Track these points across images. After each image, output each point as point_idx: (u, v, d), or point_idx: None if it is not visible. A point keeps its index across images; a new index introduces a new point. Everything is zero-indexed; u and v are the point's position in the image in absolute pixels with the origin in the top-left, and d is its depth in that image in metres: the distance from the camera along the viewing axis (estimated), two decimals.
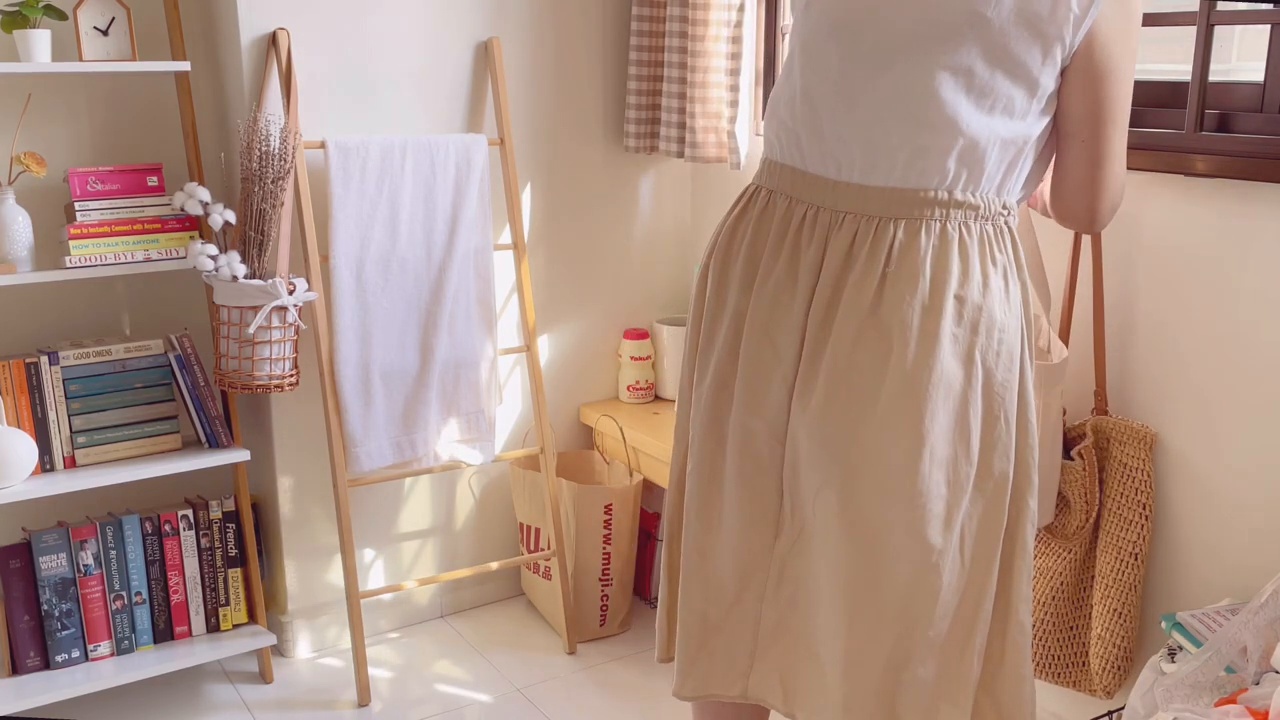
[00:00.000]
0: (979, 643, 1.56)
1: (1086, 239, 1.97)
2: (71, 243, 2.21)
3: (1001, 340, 1.49)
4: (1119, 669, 1.93)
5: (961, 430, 1.48)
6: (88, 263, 2.22)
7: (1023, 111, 1.46)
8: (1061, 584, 1.99)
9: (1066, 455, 1.99)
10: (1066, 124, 1.51)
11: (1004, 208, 1.51)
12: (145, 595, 2.40)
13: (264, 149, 2.25)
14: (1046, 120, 1.49)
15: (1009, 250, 1.52)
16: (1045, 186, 1.75)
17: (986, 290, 1.48)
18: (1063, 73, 1.46)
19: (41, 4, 2.15)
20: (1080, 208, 1.57)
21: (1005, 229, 1.52)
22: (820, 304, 1.50)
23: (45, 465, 2.26)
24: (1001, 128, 1.45)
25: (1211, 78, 1.87)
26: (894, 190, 1.47)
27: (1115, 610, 1.92)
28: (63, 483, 2.22)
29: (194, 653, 2.41)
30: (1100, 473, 1.96)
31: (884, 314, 1.46)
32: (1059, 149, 1.55)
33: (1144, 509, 1.90)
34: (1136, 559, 1.91)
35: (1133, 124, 2.01)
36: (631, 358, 2.92)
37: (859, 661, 1.52)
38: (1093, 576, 1.98)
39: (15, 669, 2.30)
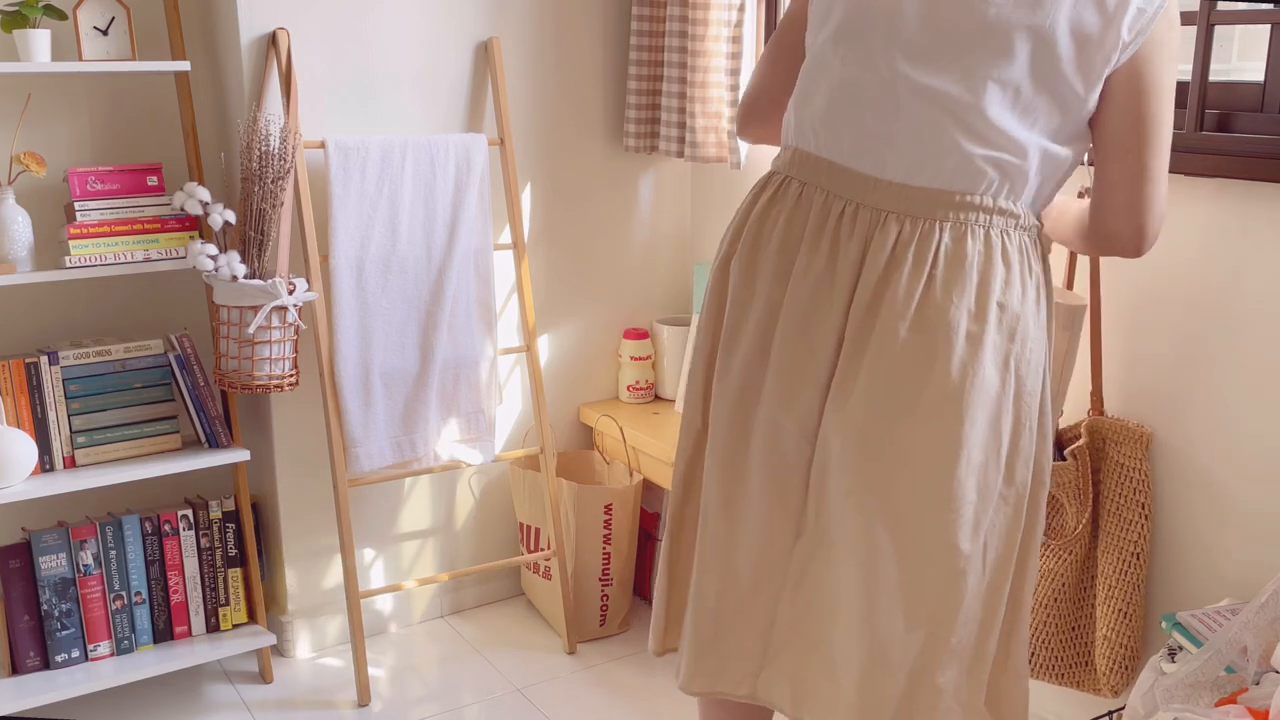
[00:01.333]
0: (991, 648, 1.56)
1: None
2: (71, 243, 2.21)
3: (1033, 350, 1.49)
4: (1126, 668, 1.93)
5: (994, 437, 1.48)
6: (88, 263, 2.22)
7: (1060, 129, 1.46)
8: (1063, 585, 1.99)
9: (1060, 456, 1.99)
10: (1108, 145, 1.48)
11: (1037, 219, 1.52)
12: (145, 595, 2.40)
13: (264, 149, 2.25)
14: (1082, 142, 1.49)
15: (1041, 264, 1.53)
16: (1059, 221, 1.69)
17: (1025, 299, 1.48)
18: (1101, 94, 1.45)
19: (41, 4, 2.15)
20: (1127, 230, 1.50)
21: (1038, 242, 1.52)
22: (861, 303, 1.47)
23: (45, 465, 2.26)
24: (1044, 143, 1.45)
25: (1211, 78, 1.87)
26: (939, 192, 1.45)
27: (1120, 610, 1.92)
28: (63, 483, 2.22)
29: (194, 653, 2.41)
30: (1097, 474, 1.97)
31: (930, 317, 1.44)
32: (1100, 172, 1.51)
33: (1143, 508, 1.90)
34: (1139, 559, 1.91)
35: None
36: (631, 358, 2.92)
37: (878, 668, 1.51)
38: (1094, 577, 1.98)
39: (15, 669, 2.30)
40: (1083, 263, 1.99)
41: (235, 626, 2.51)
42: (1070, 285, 2.00)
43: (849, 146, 1.50)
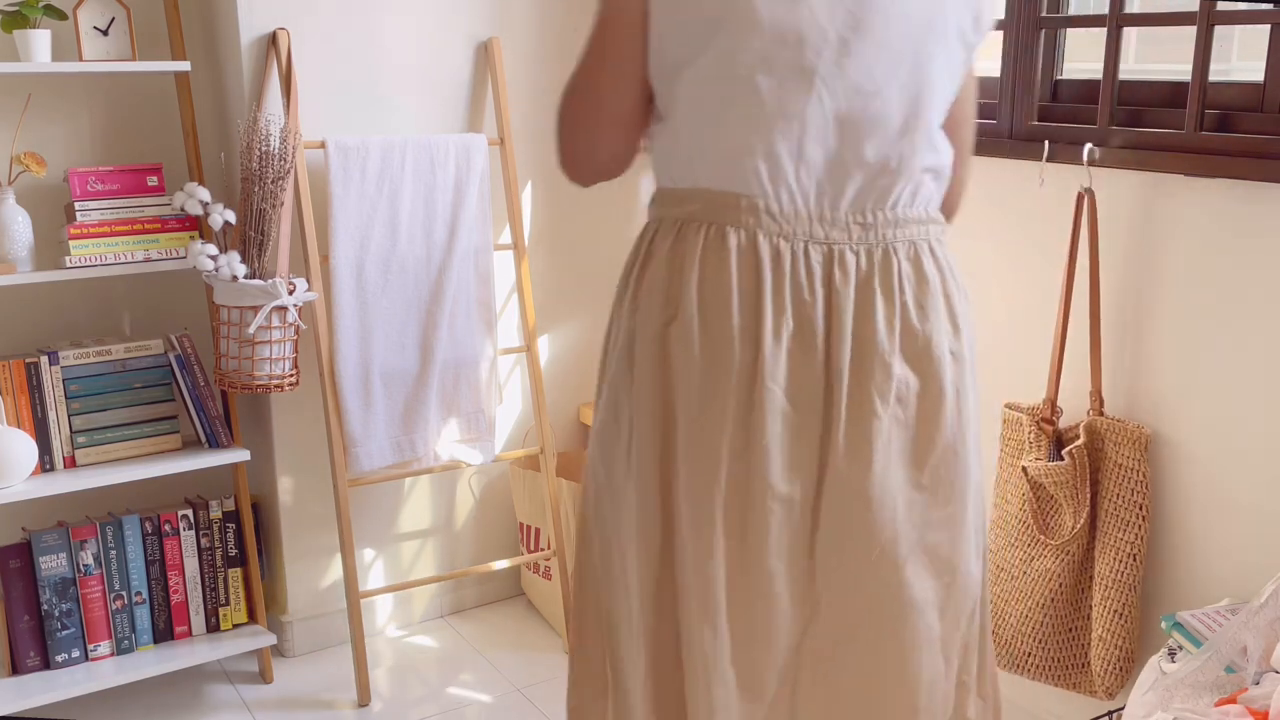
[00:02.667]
0: (990, 664, 1.54)
1: (1083, 236, 1.97)
2: (71, 243, 2.21)
3: (972, 346, 1.48)
4: (1121, 669, 1.93)
5: (976, 447, 1.46)
6: (88, 263, 2.22)
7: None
8: (1060, 586, 1.99)
9: (1058, 455, 1.99)
10: (952, 140, 1.47)
11: None
12: (145, 595, 2.40)
13: (264, 149, 2.25)
14: None
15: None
16: None
17: (967, 303, 1.46)
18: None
19: (41, 4, 2.15)
20: (958, 205, 1.57)
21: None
22: (841, 347, 1.36)
23: (45, 465, 2.26)
24: (949, 142, 1.44)
25: (1211, 78, 1.87)
26: (888, 214, 1.38)
27: (1116, 611, 1.92)
28: (63, 483, 2.22)
29: (194, 653, 2.41)
30: (1095, 474, 1.97)
31: (915, 346, 1.38)
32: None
33: (1141, 509, 1.90)
34: (1135, 559, 1.91)
35: (1134, 124, 2.01)
36: None
37: (925, 713, 1.47)
38: (1091, 578, 1.98)
39: (15, 669, 2.30)
40: (1083, 264, 1.99)
41: (235, 626, 2.51)
42: (1070, 285, 1.99)
43: (785, 181, 1.35)
